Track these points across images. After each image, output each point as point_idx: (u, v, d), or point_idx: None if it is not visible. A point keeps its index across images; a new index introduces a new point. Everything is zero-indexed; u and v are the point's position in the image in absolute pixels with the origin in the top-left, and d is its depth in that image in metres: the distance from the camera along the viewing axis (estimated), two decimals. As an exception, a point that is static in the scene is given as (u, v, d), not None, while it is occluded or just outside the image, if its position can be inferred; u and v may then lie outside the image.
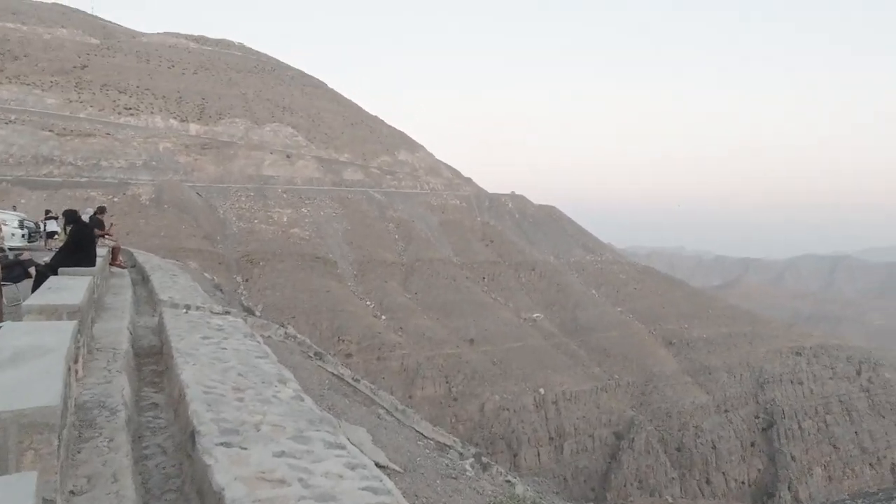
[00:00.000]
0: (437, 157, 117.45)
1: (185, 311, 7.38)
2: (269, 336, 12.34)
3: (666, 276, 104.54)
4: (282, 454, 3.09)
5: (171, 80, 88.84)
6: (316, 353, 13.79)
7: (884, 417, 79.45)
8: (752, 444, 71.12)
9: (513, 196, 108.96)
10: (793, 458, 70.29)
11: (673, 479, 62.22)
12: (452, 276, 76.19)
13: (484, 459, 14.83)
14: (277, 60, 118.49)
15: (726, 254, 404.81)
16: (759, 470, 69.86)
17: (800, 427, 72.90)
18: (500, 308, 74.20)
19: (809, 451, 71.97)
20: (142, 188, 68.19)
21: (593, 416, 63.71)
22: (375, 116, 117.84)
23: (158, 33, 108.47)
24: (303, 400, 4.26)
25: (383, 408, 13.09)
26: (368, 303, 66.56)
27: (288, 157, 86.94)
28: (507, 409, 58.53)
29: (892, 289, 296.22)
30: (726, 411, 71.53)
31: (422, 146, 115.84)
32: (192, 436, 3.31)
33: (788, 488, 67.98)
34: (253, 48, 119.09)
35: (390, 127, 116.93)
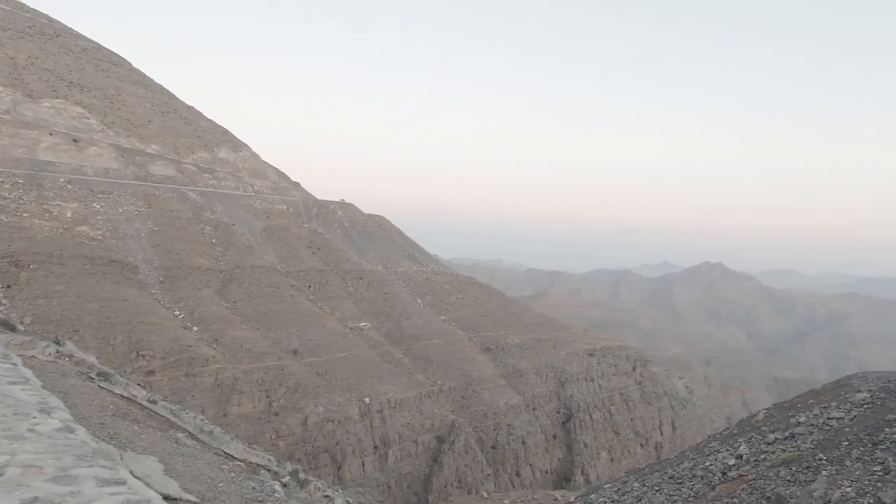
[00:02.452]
0: (264, 158, 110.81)
1: None
2: (32, 356, 10.07)
3: (485, 287, 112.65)
4: (34, 501, 2.43)
5: None
6: (100, 374, 11.65)
7: (651, 405, 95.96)
8: (554, 437, 79.97)
9: (342, 204, 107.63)
10: (585, 445, 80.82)
11: (488, 475, 66.80)
12: (276, 284, 72.16)
13: (302, 476, 14.04)
14: (63, 25, 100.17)
15: (537, 267, 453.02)
16: (559, 459, 78.76)
17: (591, 418, 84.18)
18: (326, 317, 72.29)
19: (598, 437, 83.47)
20: None
21: (417, 422, 65.40)
22: (192, 107, 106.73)
23: None
24: (72, 431, 3.46)
25: (185, 431, 11.56)
26: (177, 313, 59.51)
27: (75, 141, 73.75)
28: (332, 421, 57.02)
29: (659, 299, 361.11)
30: (534, 409, 79.29)
31: (246, 145, 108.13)
32: None
33: (581, 472, 77.93)
34: (27, 4, 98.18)
35: (210, 121, 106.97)
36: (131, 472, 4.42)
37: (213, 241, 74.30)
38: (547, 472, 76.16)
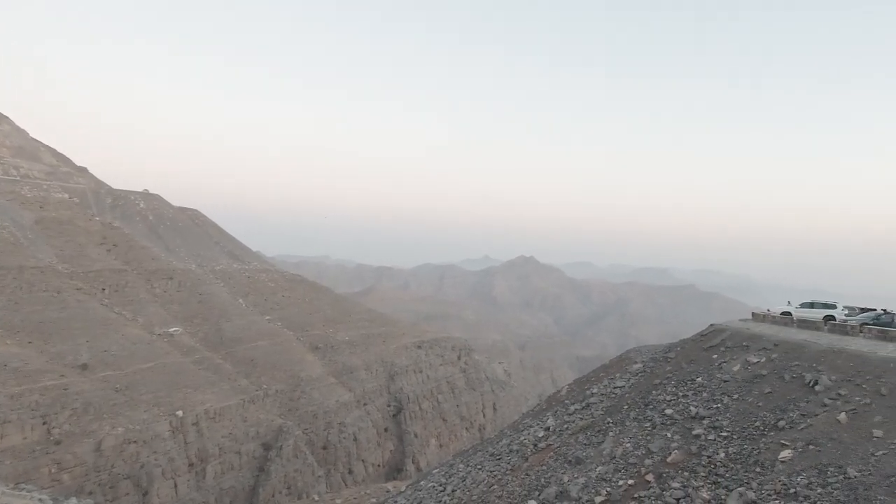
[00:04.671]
0: (34, 135, 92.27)
1: None
2: None
3: (314, 284, 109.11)
4: None
5: None
6: None
7: (475, 390, 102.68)
8: (386, 430, 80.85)
9: (146, 195, 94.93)
10: (415, 435, 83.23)
11: (320, 476, 64.83)
12: (56, 287, 60.61)
13: (85, 513, 11.77)
14: None
15: (366, 262, 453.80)
16: (391, 451, 79.87)
17: (420, 408, 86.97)
18: (125, 324, 62.95)
19: (427, 426, 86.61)
20: None
21: (240, 431, 60.62)
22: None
23: None
24: None
25: None
26: None
27: None
28: (135, 442, 49.83)
29: (480, 291, 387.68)
30: (365, 404, 79.16)
31: (6, 117, 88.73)
32: None
33: (413, 461, 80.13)
34: None
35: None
36: None
37: (-37, 236, 59.67)
38: (379, 465, 76.72)
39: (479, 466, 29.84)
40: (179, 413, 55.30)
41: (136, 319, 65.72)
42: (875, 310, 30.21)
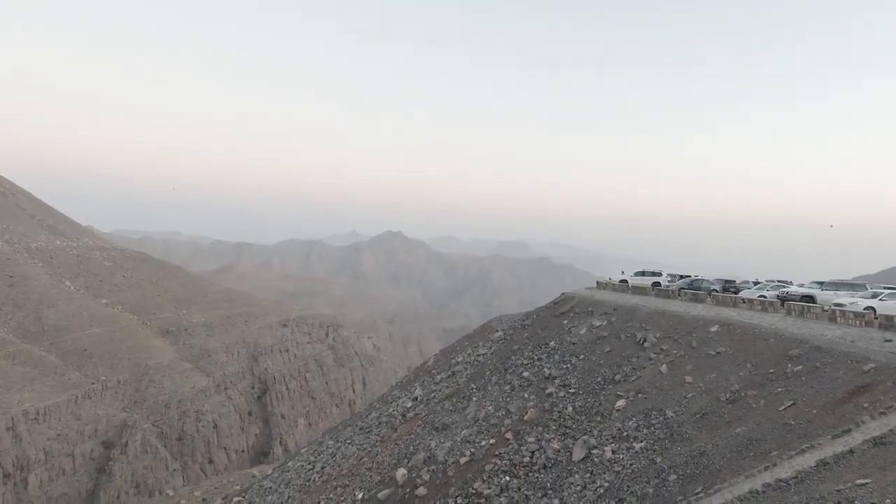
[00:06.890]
0: None
1: None
2: None
3: (161, 263, 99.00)
4: None
5: None
6: None
7: (343, 366, 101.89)
8: (250, 414, 77.08)
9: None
10: (282, 416, 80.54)
11: (175, 470, 60.06)
12: None
13: None
14: None
15: (223, 238, 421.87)
16: (255, 435, 76.46)
17: (287, 388, 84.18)
18: None
19: (295, 406, 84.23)
20: None
21: (73, 431, 53.62)
22: None
23: None
24: None
25: None
26: None
27: None
28: (-71, 457, 41.66)
29: (348, 267, 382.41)
30: (226, 389, 74.52)
31: None
32: None
33: (280, 443, 77.60)
34: None
35: None
36: None
37: None
38: (243, 451, 73.18)
39: (349, 441, 29.89)
40: (-9, 417, 47.22)
41: (-76, 310, 54.26)
42: (690, 276, 35.63)
